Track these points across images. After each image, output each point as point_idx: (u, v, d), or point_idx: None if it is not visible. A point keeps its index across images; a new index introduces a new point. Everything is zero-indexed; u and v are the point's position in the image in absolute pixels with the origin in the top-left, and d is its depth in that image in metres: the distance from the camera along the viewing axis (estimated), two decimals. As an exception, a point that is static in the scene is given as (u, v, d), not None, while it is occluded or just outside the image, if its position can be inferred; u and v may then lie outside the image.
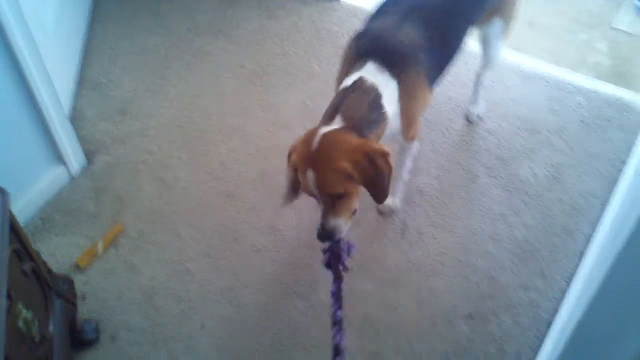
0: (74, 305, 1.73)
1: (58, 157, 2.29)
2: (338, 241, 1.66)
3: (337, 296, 1.60)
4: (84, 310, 2.01)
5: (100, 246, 2.21)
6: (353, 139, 1.59)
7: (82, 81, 2.80)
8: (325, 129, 1.60)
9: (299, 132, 1.72)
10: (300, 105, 2.67)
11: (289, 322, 2.03)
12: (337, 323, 1.56)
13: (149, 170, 2.44)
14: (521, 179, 2.40)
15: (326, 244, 1.68)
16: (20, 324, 1.30)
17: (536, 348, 1.94)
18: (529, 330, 2.01)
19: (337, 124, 1.64)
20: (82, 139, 2.47)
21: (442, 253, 2.18)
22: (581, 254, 2.16)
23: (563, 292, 2.07)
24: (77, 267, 2.13)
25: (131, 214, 2.32)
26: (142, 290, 2.12)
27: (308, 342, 1.98)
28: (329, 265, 1.68)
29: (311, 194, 1.64)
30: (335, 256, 1.65)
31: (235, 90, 2.76)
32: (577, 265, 2.13)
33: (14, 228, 1.37)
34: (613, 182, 2.37)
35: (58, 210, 2.31)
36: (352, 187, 1.60)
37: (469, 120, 2.58)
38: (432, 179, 2.39)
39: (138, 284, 2.14)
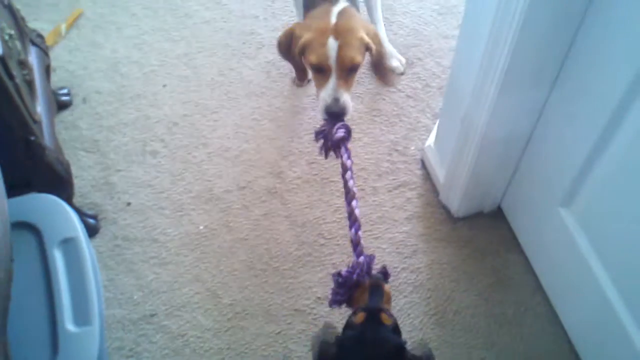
0: (46, 55, 1.96)
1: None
2: (340, 124, 1.51)
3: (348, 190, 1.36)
4: (55, 81, 2.25)
5: (63, 28, 2.42)
6: (360, 17, 1.69)
7: None
8: (340, 5, 1.64)
9: None
10: None
11: (240, 78, 2.31)
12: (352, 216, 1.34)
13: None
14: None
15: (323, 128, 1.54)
16: (6, 37, 1.54)
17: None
18: (449, 68, 2.30)
19: (342, 2, 1.67)
20: None
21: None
22: None
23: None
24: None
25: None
26: (106, 61, 2.36)
27: (258, 90, 2.27)
28: (330, 148, 1.49)
29: (324, 67, 1.60)
30: (336, 140, 1.46)
31: None
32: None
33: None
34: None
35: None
36: (362, 60, 1.63)
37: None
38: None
39: (102, 56, 2.37)
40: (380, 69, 1.75)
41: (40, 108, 1.70)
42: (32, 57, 1.81)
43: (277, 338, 1.69)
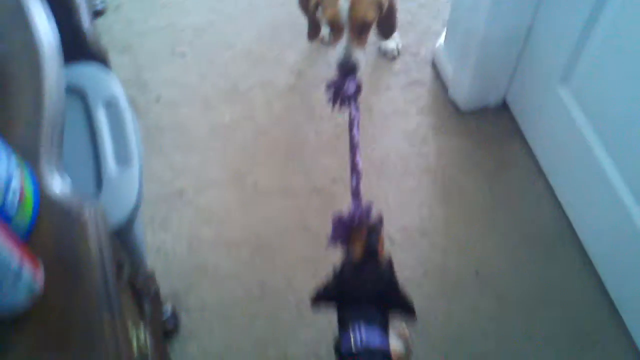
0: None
1: None
2: (352, 79, 1.57)
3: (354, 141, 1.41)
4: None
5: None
6: None
7: None
8: None
9: None
10: None
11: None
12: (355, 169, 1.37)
13: None
14: None
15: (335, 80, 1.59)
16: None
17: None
18: None
19: None
20: None
21: None
22: None
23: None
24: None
25: None
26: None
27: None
28: (338, 101, 1.55)
29: (336, 25, 1.62)
30: (347, 95, 1.52)
31: None
32: None
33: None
34: None
35: None
36: (375, 18, 1.64)
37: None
38: None
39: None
40: (386, 24, 1.73)
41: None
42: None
43: (295, 212, 1.85)
